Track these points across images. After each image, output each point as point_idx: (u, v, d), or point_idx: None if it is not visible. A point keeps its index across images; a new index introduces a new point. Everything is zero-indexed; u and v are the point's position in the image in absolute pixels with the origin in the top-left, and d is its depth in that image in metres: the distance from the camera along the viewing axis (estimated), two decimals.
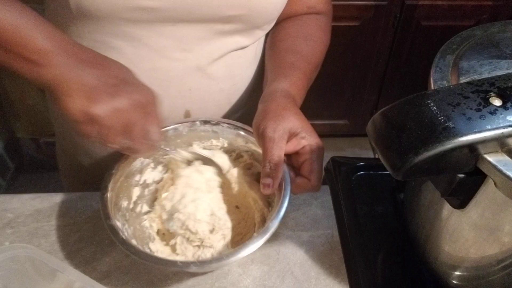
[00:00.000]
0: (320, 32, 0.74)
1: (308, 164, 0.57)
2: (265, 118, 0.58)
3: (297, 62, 0.67)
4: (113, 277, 0.60)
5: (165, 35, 0.63)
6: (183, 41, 0.64)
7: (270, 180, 0.55)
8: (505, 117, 0.39)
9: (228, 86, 0.72)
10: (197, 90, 0.69)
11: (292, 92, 0.62)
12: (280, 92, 0.62)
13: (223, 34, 0.65)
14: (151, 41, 0.63)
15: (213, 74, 0.69)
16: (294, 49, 0.69)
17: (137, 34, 0.62)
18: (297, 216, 0.69)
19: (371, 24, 1.68)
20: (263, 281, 0.61)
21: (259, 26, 0.67)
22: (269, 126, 0.56)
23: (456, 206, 0.47)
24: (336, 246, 0.65)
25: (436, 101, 0.41)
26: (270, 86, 0.64)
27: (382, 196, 0.72)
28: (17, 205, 0.69)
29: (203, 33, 0.64)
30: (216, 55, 0.67)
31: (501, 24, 0.57)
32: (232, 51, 0.69)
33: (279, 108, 0.59)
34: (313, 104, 1.96)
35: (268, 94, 0.62)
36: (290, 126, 0.57)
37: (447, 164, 0.39)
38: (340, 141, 2.09)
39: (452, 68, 0.50)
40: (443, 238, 0.52)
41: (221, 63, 0.69)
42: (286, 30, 0.72)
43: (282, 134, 0.56)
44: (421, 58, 1.75)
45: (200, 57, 0.67)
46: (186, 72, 0.67)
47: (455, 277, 0.55)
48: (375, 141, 0.42)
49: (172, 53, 0.65)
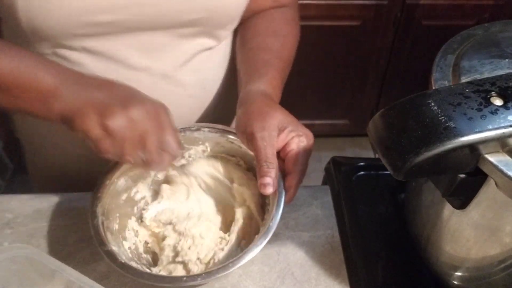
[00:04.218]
0: (288, 26, 0.73)
1: (293, 155, 0.56)
2: (249, 119, 0.57)
3: (270, 60, 0.66)
4: (112, 278, 0.60)
5: (127, 45, 0.62)
6: (146, 49, 0.63)
7: (270, 180, 0.55)
8: (506, 117, 0.39)
9: (198, 91, 0.71)
10: (167, 98, 0.67)
11: (268, 91, 0.61)
12: (257, 92, 0.61)
13: (187, 37, 0.64)
14: (113, 53, 0.62)
15: (181, 80, 0.68)
16: (265, 46, 0.68)
17: (97, 48, 0.61)
18: (297, 216, 0.68)
19: (372, 24, 1.68)
20: (263, 281, 0.61)
21: (222, 27, 0.66)
22: (257, 126, 0.56)
23: (457, 206, 0.47)
24: (336, 247, 0.65)
25: (437, 101, 0.40)
26: (245, 87, 0.63)
27: (382, 196, 0.71)
28: (16, 206, 0.68)
29: (166, 39, 0.63)
30: (182, 60, 0.66)
31: (502, 24, 0.57)
32: (199, 55, 0.68)
33: (261, 107, 0.58)
34: (313, 104, 1.96)
35: (245, 96, 0.61)
36: (277, 122, 0.56)
37: (448, 164, 0.39)
38: (340, 141, 2.09)
39: (453, 67, 0.50)
40: (444, 238, 0.52)
41: (189, 68, 0.68)
42: (254, 28, 0.71)
43: (272, 131, 0.55)
44: (421, 58, 1.74)
45: (166, 64, 0.66)
46: (154, 81, 0.66)
47: (456, 278, 0.55)
48: (376, 141, 0.42)
49: (137, 63, 0.64)
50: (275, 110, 0.58)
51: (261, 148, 0.55)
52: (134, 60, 0.64)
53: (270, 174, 0.55)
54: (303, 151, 0.56)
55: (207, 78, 0.72)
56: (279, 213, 0.54)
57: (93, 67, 0.62)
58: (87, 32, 0.58)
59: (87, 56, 0.62)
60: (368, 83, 1.87)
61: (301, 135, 0.56)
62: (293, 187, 0.56)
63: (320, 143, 2.08)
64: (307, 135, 0.57)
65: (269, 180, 0.55)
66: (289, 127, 0.56)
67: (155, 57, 0.64)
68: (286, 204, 0.55)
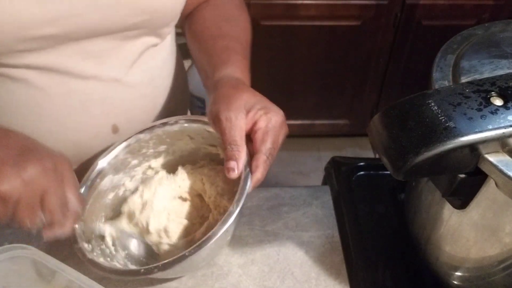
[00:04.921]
0: (238, 10, 0.72)
1: (260, 134, 0.53)
2: (216, 103, 0.55)
3: (230, 45, 0.65)
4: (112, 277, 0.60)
5: (71, 55, 0.59)
6: (92, 56, 0.61)
7: (234, 163, 0.52)
8: (506, 117, 0.39)
9: (149, 90, 0.70)
10: (120, 102, 0.66)
11: (236, 75, 0.60)
12: (225, 78, 0.59)
13: (131, 38, 0.63)
14: (58, 65, 0.59)
15: (131, 83, 0.67)
16: (221, 33, 0.67)
17: (41, 62, 0.58)
18: (297, 216, 0.69)
19: (372, 24, 1.68)
20: (263, 281, 0.61)
21: (165, 25, 0.66)
22: (222, 107, 0.53)
23: (457, 206, 0.47)
24: (336, 247, 0.65)
25: (437, 101, 0.40)
26: (214, 77, 0.60)
27: (382, 196, 0.71)
28: None
29: (111, 43, 0.62)
30: (130, 61, 0.65)
31: (502, 24, 0.57)
32: (145, 53, 0.67)
33: (228, 90, 0.56)
34: (313, 104, 1.96)
35: (215, 85, 0.59)
36: (243, 102, 0.54)
37: (448, 164, 0.39)
38: (340, 141, 2.09)
39: (453, 67, 0.50)
40: (444, 238, 0.52)
41: (137, 69, 0.67)
42: (204, 18, 0.70)
43: (239, 112, 0.53)
44: (421, 58, 1.74)
45: (114, 68, 0.64)
46: (105, 87, 0.64)
47: (456, 278, 0.55)
48: (376, 141, 0.42)
49: (84, 72, 0.61)
50: (242, 91, 0.56)
51: (225, 129, 0.53)
52: (81, 69, 0.61)
53: (235, 157, 0.52)
54: (272, 129, 0.53)
55: (156, 75, 0.71)
56: (243, 197, 0.51)
57: (39, 82, 0.59)
58: (28, 47, 0.55)
59: (31, 72, 0.58)
60: (368, 83, 1.87)
61: (269, 112, 0.54)
62: (259, 166, 0.52)
63: (320, 143, 2.10)
64: (276, 112, 0.54)
65: (233, 164, 0.52)
66: (256, 105, 0.54)
67: (102, 63, 0.62)
68: (253, 187, 0.53)
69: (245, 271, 0.62)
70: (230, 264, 0.62)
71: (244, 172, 0.53)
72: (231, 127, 0.52)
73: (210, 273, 0.61)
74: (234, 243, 0.65)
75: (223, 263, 0.63)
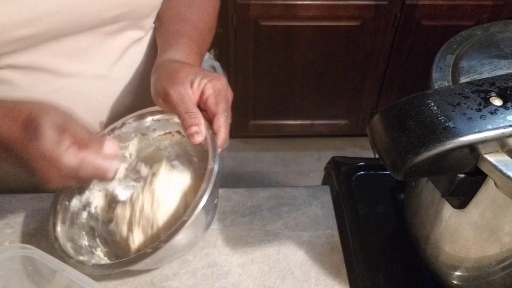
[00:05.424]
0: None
1: (212, 98, 0.54)
2: (160, 81, 0.55)
3: (182, 29, 0.65)
4: (112, 277, 0.60)
5: (53, 54, 0.59)
6: (75, 53, 0.61)
7: (196, 127, 0.52)
8: (506, 117, 0.39)
9: (134, 86, 0.70)
10: (105, 99, 0.66)
11: (180, 58, 0.60)
12: (167, 60, 0.59)
13: (114, 33, 0.63)
14: (40, 64, 0.59)
15: (117, 79, 0.67)
16: (179, 17, 0.67)
17: (23, 62, 0.58)
18: (297, 216, 0.69)
19: (371, 24, 1.68)
20: (263, 281, 0.61)
21: (146, 16, 0.66)
22: (167, 83, 0.54)
23: (457, 206, 0.47)
24: (336, 246, 0.65)
25: (436, 101, 0.40)
26: (157, 60, 0.61)
27: (382, 196, 0.72)
28: (17, 205, 0.68)
29: (93, 39, 0.61)
30: (114, 57, 0.65)
31: (501, 24, 0.57)
32: (129, 48, 0.66)
33: (169, 68, 0.57)
34: (313, 104, 1.96)
35: (156, 67, 0.59)
36: (185, 75, 0.55)
37: (448, 164, 0.39)
38: (340, 141, 2.09)
39: (452, 68, 0.50)
40: (444, 238, 0.52)
41: (122, 65, 0.67)
42: (169, 2, 0.70)
43: (185, 84, 0.54)
44: (421, 58, 1.75)
45: (99, 64, 0.64)
46: (89, 84, 0.64)
47: (456, 277, 0.55)
48: (375, 141, 0.42)
49: (68, 70, 0.61)
50: (182, 66, 0.56)
51: (178, 102, 0.53)
52: (64, 67, 0.61)
53: (195, 122, 0.53)
54: (219, 92, 0.55)
55: (141, 71, 0.71)
56: (216, 153, 0.52)
57: (23, 83, 0.59)
58: (9, 49, 0.55)
59: (14, 72, 0.58)
60: (368, 83, 1.87)
61: (212, 79, 0.55)
62: (221, 126, 0.54)
63: (320, 143, 2.10)
64: (218, 77, 0.55)
65: (195, 128, 0.52)
66: (198, 76, 0.55)
67: (85, 60, 0.62)
68: (220, 147, 0.53)
69: (245, 270, 0.62)
70: (230, 264, 0.63)
71: (208, 134, 0.53)
72: (182, 98, 0.53)
73: (210, 273, 0.62)
74: (234, 243, 0.65)
75: (223, 263, 0.63)
